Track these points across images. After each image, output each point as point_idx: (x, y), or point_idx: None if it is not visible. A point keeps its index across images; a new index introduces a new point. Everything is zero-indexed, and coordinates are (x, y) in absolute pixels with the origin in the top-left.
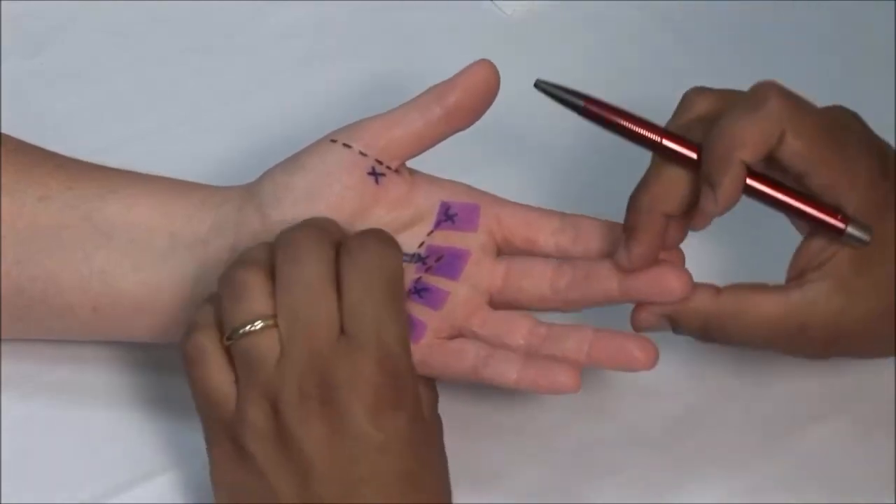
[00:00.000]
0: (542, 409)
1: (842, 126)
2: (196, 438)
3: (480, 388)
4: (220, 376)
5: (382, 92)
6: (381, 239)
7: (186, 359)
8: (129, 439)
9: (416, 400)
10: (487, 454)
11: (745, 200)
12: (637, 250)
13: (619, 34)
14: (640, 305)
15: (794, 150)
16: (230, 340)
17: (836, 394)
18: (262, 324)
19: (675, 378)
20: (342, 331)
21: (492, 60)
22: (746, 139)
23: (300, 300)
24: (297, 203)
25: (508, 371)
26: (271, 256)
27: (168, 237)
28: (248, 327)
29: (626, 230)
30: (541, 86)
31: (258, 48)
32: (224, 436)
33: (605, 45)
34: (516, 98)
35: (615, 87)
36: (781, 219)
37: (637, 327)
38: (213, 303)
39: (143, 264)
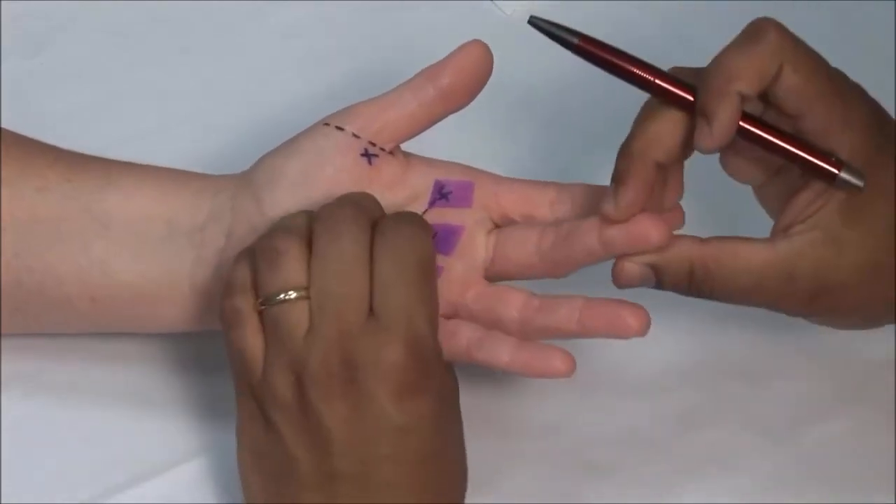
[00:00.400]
0: (542, 409)
1: (839, 73)
2: (197, 437)
3: (479, 388)
4: (251, 340)
5: (382, 91)
6: (414, 222)
7: (222, 319)
8: (129, 439)
9: (441, 383)
10: (487, 454)
11: (730, 193)
12: (625, 198)
13: (619, 34)
14: (621, 256)
15: (791, 85)
16: (263, 306)
17: (836, 394)
18: (294, 294)
19: (675, 378)
20: (372, 311)
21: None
22: (743, 70)
23: (333, 277)
24: (291, 187)
25: (501, 353)
26: (310, 226)
27: (166, 226)
28: (281, 296)
29: (616, 177)
30: (535, 22)
31: (258, 48)
32: (251, 398)
33: None
34: (516, 97)
35: (615, 87)
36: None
37: (620, 281)
38: (250, 261)
39: (142, 254)
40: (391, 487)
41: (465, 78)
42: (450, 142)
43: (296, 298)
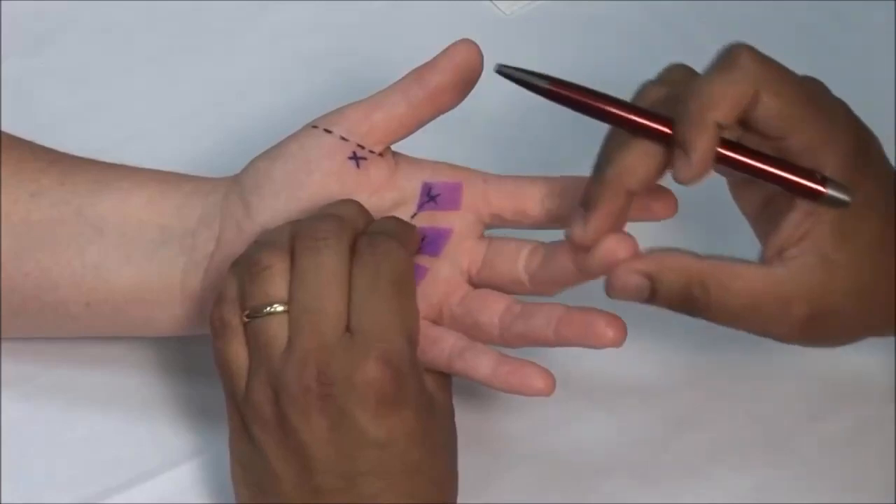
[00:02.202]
0: (542, 410)
1: (818, 90)
2: (196, 439)
3: (479, 389)
4: (236, 352)
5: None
6: (392, 235)
7: (211, 329)
8: (129, 439)
9: (420, 394)
10: (486, 455)
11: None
12: (593, 225)
13: (619, 34)
14: (617, 267)
15: (770, 108)
16: (247, 319)
17: (836, 394)
18: (279, 307)
19: (675, 378)
20: (348, 327)
21: (484, 54)
22: (718, 99)
23: (311, 292)
24: (278, 190)
25: (482, 366)
26: (293, 240)
27: (158, 230)
28: (266, 309)
29: (586, 203)
30: (503, 71)
31: (257, 48)
32: (236, 411)
33: (605, 45)
34: (515, 98)
35: (615, 88)
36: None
37: (613, 291)
38: (238, 273)
39: (135, 258)
40: (376, 500)
41: (454, 78)
42: (444, 142)
43: (277, 312)
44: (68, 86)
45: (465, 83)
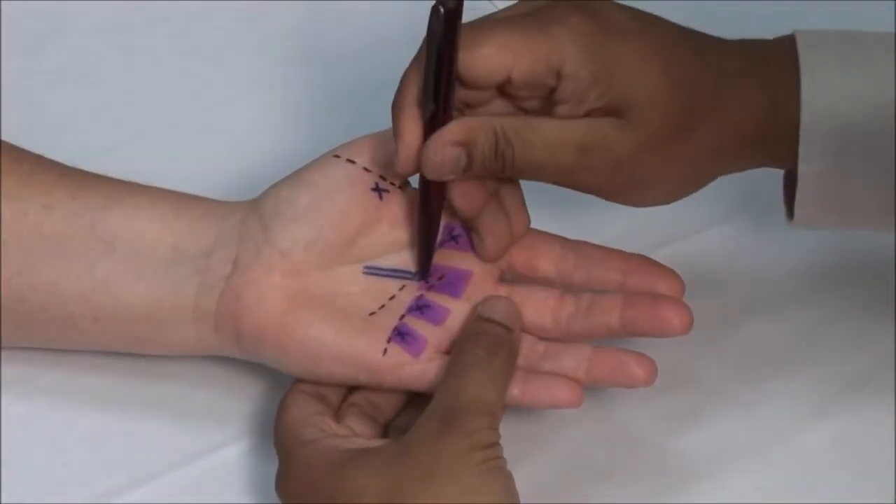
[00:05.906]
0: (542, 410)
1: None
2: (195, 439)
3: None
4: None
5: (382, 92)
6: None
7: None
8: (129, 439)
9: None
10: None
11: None
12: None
13: None
14: (432, 139)
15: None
16: None
17: (836, 394)
18: None
19: (675, 378)
20: None
21: None
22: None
23: None
24: (300, 217)
25: (511, 387)
26: None
27: (170, 249)
28: None
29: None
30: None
31: (258, 48)
32: None
33: None
34: None
35: None
36: None
37: (431, 168)
38: None
39: (146, 276)
40: None
41: None
42: None
43: None
44: (68, 86)
45: None
